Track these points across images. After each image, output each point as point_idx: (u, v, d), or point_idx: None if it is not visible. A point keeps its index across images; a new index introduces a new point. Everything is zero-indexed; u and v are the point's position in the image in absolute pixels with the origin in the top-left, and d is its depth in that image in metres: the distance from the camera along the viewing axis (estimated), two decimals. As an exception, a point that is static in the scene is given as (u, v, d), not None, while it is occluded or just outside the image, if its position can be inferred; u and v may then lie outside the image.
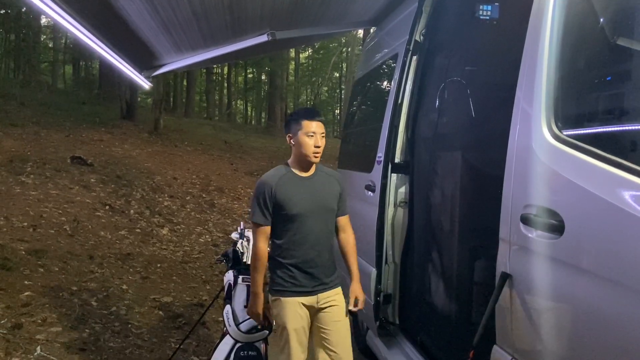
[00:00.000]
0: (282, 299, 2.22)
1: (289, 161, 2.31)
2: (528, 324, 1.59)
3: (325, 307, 2.27)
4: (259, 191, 2.22)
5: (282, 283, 2.23)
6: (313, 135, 2.20)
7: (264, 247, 2.25)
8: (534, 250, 1.55)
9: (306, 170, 2.29)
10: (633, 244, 1.22)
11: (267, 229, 2.24)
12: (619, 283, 1.26)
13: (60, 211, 6.02)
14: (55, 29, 19.99)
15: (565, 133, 1.52)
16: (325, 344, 2.26)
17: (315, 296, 2.25)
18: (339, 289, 2.34)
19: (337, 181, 2.38)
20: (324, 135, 2.25)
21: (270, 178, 2.23)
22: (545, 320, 1.53)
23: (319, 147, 2.22)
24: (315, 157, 2.23)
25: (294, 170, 2.27)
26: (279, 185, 2.20)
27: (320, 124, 2.24)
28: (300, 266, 2.22)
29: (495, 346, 1.76)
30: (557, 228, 1.45)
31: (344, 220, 2.41)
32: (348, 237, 2.42)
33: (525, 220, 1.58)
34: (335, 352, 2.24)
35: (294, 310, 2.22)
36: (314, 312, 2.28)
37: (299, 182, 2.25)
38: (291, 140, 2.26)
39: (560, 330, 1.47)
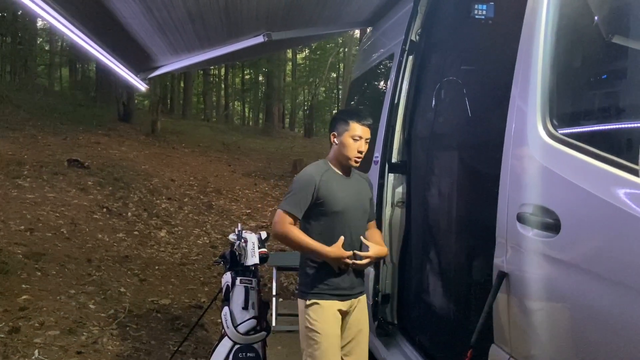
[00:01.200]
0: (321, 302, 2.11)
1: (329, 158, 2.25)
2: (525, 322, 1.60)
3: (353, 314, 2.22)
4: (303, 183, 2.13)
5: (318, 285, 2.13)
6: (358, 140, 2.15)
7: (289, 225, 2.10)
8: (531, 249, 1.56)
9: (345, 172, 2.25)
10: (629, 242, 1.22)
11: (292, 221, 2.11)
12: (616, 281, 1.26)
13: (58, 214, 6.00)
14: (51, 32, 19.95)
15: (560, 131, 1.52)
16: (344, 353, 2.19)
17: (350, 301, 2.18)
18: (364, 296, 2.30)
19: (369, 185, 2.36)
20: (368, 141, 2.19)
21: (315, 172, 2.16)
22: (542, 318, 1.53)
23: (361, 152, 2.17)
24: (356, 162, 2.18)
25: (334, 168, 2.23)
26: (323, 181, 2.13)
27: (367, 129, 2.17)
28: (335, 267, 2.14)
29: (493, 345, 1.76)
30: (553, 226, 1.45)
31: (373, 223, 2.39)
32: (376, 231, 2.40)
33: (521, 219, 1.58)
34: None
35: (332, 315, 2.12)
36: (344, 317, 2.19)
37: (340, 180, 2.20)
38: (334, 140, 2.21)
39: (557, 328, 1.47)
